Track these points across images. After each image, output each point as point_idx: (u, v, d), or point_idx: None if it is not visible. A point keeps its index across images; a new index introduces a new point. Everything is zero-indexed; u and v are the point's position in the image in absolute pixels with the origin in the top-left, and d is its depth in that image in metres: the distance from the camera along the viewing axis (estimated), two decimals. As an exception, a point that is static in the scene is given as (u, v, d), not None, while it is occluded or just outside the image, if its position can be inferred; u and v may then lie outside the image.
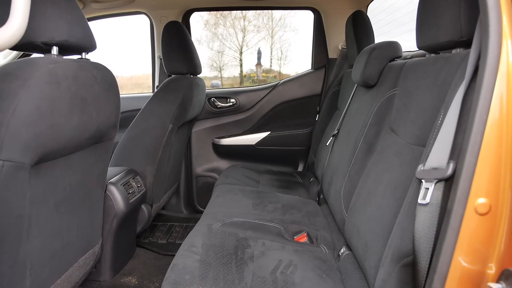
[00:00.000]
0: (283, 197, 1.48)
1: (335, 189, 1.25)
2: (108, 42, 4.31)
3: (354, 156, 1.15)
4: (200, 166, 2.15)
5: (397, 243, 0.68)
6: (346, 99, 1.61)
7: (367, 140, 1.11)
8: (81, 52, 0.95)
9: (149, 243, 1.75)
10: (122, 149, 1.50)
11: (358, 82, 1.31)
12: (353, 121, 1.33)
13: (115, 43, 4.28)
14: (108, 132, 1.06)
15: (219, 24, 4.68)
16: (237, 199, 1.39)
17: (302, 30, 4.11)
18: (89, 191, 1.07)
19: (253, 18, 4.59)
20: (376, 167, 0.99)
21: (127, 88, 5.11)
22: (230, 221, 1.17)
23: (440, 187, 0.58)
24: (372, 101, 1.17)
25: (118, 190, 1.28)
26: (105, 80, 0.97)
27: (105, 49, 4.32)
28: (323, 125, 1.92)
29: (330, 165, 1.43)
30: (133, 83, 4.36)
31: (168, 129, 1.50)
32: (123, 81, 4.87)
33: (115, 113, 1.06)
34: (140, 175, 1.48)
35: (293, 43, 4.31)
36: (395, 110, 1.00)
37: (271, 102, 2.11)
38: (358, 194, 1.03)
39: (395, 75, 1.07)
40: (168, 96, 1.51)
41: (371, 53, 1.19)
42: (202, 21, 4.49)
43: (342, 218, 1.11)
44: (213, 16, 4.69)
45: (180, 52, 1.61)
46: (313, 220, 1.28)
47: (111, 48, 4.48)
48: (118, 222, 1.28)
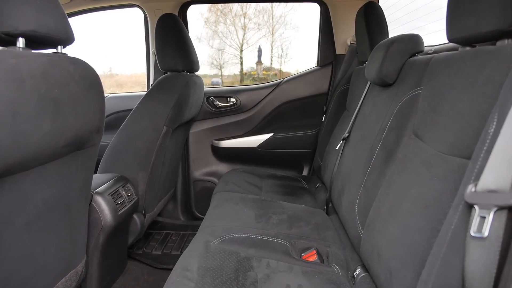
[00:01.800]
0: (288, 207, 1.35)
1: (348, 200, 1.12)
2: (108, 39, 4.20)
3: (371, 163, 1.01)
4: (198, 170, 2.02)
5: (439, 281, 0.55)
6: (356, 98, 1.48)
7: (386, 146, 0.97)
8: (56, 46, 0.82)
9: (143, 254, 1.62)
10: (112, 154, 1.37)
11: (372, 80, 1.17)
12: (367, 123, 1.20)
13: (115, 40, 4.17)
14: (90, 137, 0.93)
15: (220, 22, 4.64)
16: (238, 209, 1.26)
17: (303, 27, 4.04)
18: (69, 205, 0.94)
19: (254, 15, 4.56)
20: (398, 178, 0.85)
21: (127, 86, 4.99)
22: (230, 237, 1.04)
23: (501, 216, 0.45)
24: (391, 102, 1.04)
25: (105, 200, 1.14)
26: (85, 78, 0.83)
27: (105, 46, 4.19)
28: (330, 126, 1.78)
29: (341, 172, 1.29)
30: (133, 81, 4.24)
31: (162, 131, 1.37)
32: (123, 79, 4.75)
33: (98, 115, 0.92)
34: (132, 182, 1.35)
35: (294, 40, 4.27)
36: (420, 112, 0.86)
37: (274, 102, 1.98)
38: (377, 209, 0.89)
39: (419, 72, 0.94)
40: (162, 95, 1.38)
41: (390, 48, 1.06)
42: (202, 18, 4.45)
43: (357, 235, 0.98)
44: (213, 13, 4.64)
45: (175, 47, 1.47)
46: (323, 234, 1.15)
47: (111, 45, 4.37)
48: (105, 236, 1.15)
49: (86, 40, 4.34)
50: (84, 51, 3.94)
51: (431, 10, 2.30)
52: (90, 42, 4.24)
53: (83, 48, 3.91)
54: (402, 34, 1.08)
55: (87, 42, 4.24)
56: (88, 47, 4.25)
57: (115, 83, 4.66)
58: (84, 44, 4.26)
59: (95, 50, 4.21)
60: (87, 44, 4.26)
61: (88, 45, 4.20)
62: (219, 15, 4.81)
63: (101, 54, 4.19)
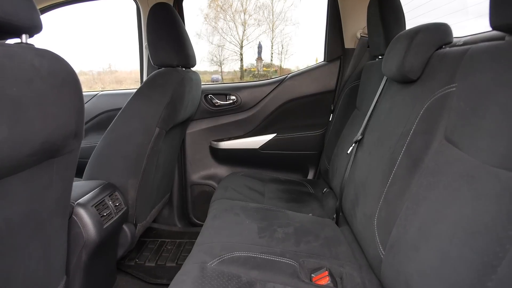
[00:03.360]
0: (294, 217, 1.21)
1: (364, 212, 0.99)
2: (107, 35, 4.07)
3: (392, 173, 0.88)
4: (196, 173, 1.88)
5: None
6: (368, 96, 1.34)
7: (411, 153, 0.84)
8: (19, 35, 0.68)
9: (135, 266, 1.49)
10: (98, 159, 1.23)
11: (392, 76, 1.04)
12: (384, 125, 1.06)
13: (115, 37, 4.04)
14: (66, 143, 0.79)
15: (219, 18, 4.62)
16: (239, 221, 1.12)
17: (303, 23, 3.96)
18: (42, 223, 0.80)
19: (254, 11, 4.56)
20: (430, 193, 0.72)
21: (126, 83, 4.84)
22: (229, 257, 0.91)
23: None
24: (415, 102, 0.90)
25: (88, 213, 1.01)
26: (55, 74, 0.69)
27: (105, 42, 4.04)
28: (338, 126, 1.64)
29: (354, 179, 1.16)
30: (133, 78, 4.12)
31: (154, 133, 1.23)
32: (122, 75, 4.60)
33: (74, 117, 0.78)
34: (120, 190, 1.21)
35: (294, 36, 4.25)
36: (454, 114, 0.73)
37: (278, 100, 1.83)
38: (403, 228, 0.76)
39: (451, 66, 0.80)
40: (153, 93, 1.24)
41: (414, 38, 0.92)
42: (202, 14, 4.41)
43: (377, 255, 0.85)
44: (213, 9, 4.61)
45: (169, 40, 1.33)
46: (335, 250, 1.02)
47: (111, 41, 4.24)
48: (89, 253, 1.02)
49: (86, 37, 4.22)
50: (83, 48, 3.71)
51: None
52: (89, 38, 4.12)
53: (82, 45, 3.70)
54: (428, 23, 0.94)
55: (86, 39, 4.12)
56: (87, 44, 4.13)
57: (115, 79, 4.52)
58: (84, 41, 4.12)
59: (94, 47, 4.09)
60: (86, 41, 4.14)
61: (88, 41, 4.08)
62: (219, 11, 4.75)
63: (100, 51, 4.07)
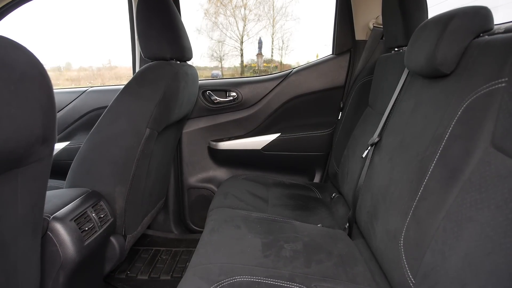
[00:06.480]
0: (302, 229, 1.08)
1: (385, 229, 0.85)
2: (107, 31, 3.94)
3: (423, 184, 0.74)
4: (193, 176, 1.74)
5: None
6: (384, 93, 1.20)
7: (447, 161, 0.70)
8: None
9: (126, 279, 1.35)
10: (81, 164, 1.09)
11: (418, 70, 0.89)
12: (408, 127, 0.92)
13: (114, 32, 3.93)
14: (31, 150, 0.65)
15: (219, 13, 4.60)
16: (240, 236, 0.99)
17: (303, 18, 3.88)
18: (5, 244, 0.67)
19: (254, 7, 4.53)
20: (476, 213, 0.58)
21: (126, 79, 4.71)
22: (229, 283, 0.77)
23: None
24: (450, 100, 0.76)
25: (66, 228, 0.87)
26: (10, 67, 0.55)
27: (105, 38, 3.89)
28: (348, 126, 1.50)
29: (371, 188, 1.02)
30: (132, 75, 4.00)
31: (144, 135, 1.09)
32: (122, 71, 4.47)
33: (40, 119, 0.64)
34: (106, 199, 1.08)
35: (295, 32, 4.17)
36: (504, 116, 0.59)
37: (282, 96, 1.69)
38: (441, 254, 0.62)
39: (497, 58, 0.66)
40: (144, 89, 1.10)
41: (449, 24, 0.77)
42: (202, 9, 4.38)
43: (404, 282, 0.71)
44: (213, 4, 4.61)
45: (162, 29, 1.18)
46: (351, 271, 0.88)
47: (111, 37, 4.12)
48: (67, 274, 0.89)
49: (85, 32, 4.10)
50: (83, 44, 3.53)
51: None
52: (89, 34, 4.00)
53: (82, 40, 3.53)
54: (465, 7, 0.79)
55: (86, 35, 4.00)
56: (87, 40, 4.02)
57: (114, 75, 4.40)
58: (83, 37, 3.98)
59: (94, 42, 3.98)
60: (86, 36, 4.02)
61: (87, 37, 3.97)
62: (219, 6, 4.77)
63: (100, 46, 3.96)
